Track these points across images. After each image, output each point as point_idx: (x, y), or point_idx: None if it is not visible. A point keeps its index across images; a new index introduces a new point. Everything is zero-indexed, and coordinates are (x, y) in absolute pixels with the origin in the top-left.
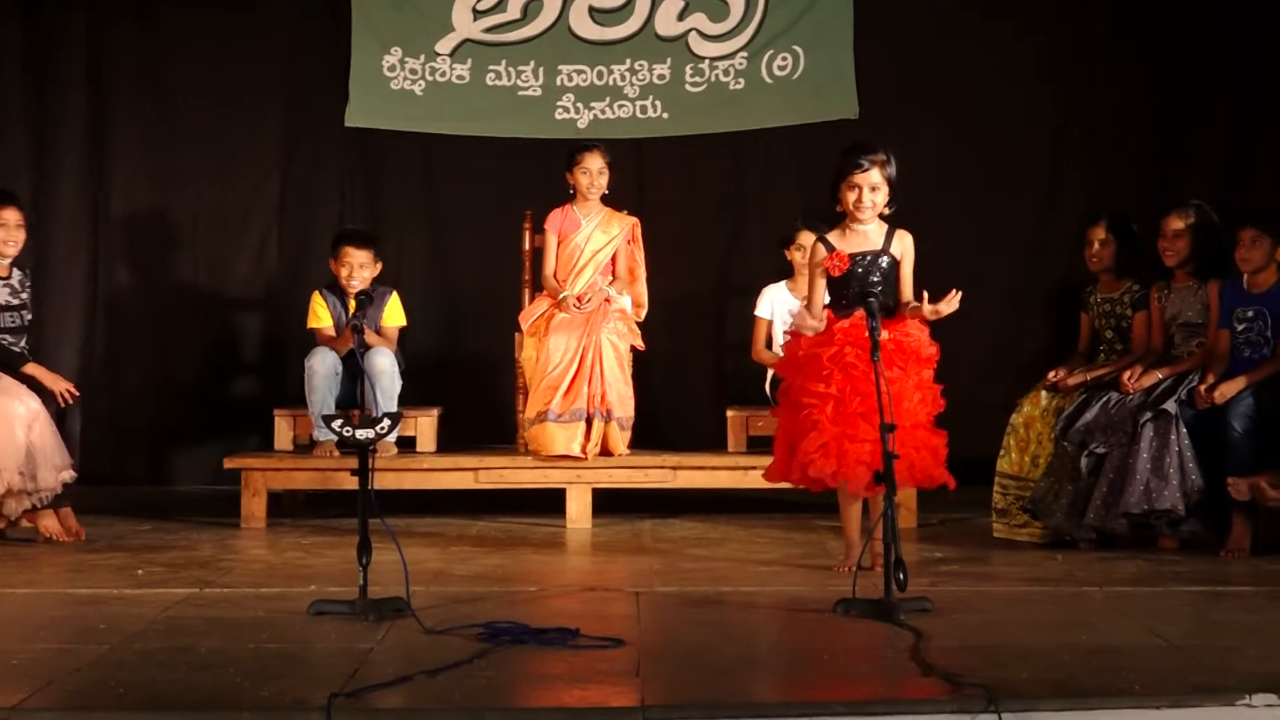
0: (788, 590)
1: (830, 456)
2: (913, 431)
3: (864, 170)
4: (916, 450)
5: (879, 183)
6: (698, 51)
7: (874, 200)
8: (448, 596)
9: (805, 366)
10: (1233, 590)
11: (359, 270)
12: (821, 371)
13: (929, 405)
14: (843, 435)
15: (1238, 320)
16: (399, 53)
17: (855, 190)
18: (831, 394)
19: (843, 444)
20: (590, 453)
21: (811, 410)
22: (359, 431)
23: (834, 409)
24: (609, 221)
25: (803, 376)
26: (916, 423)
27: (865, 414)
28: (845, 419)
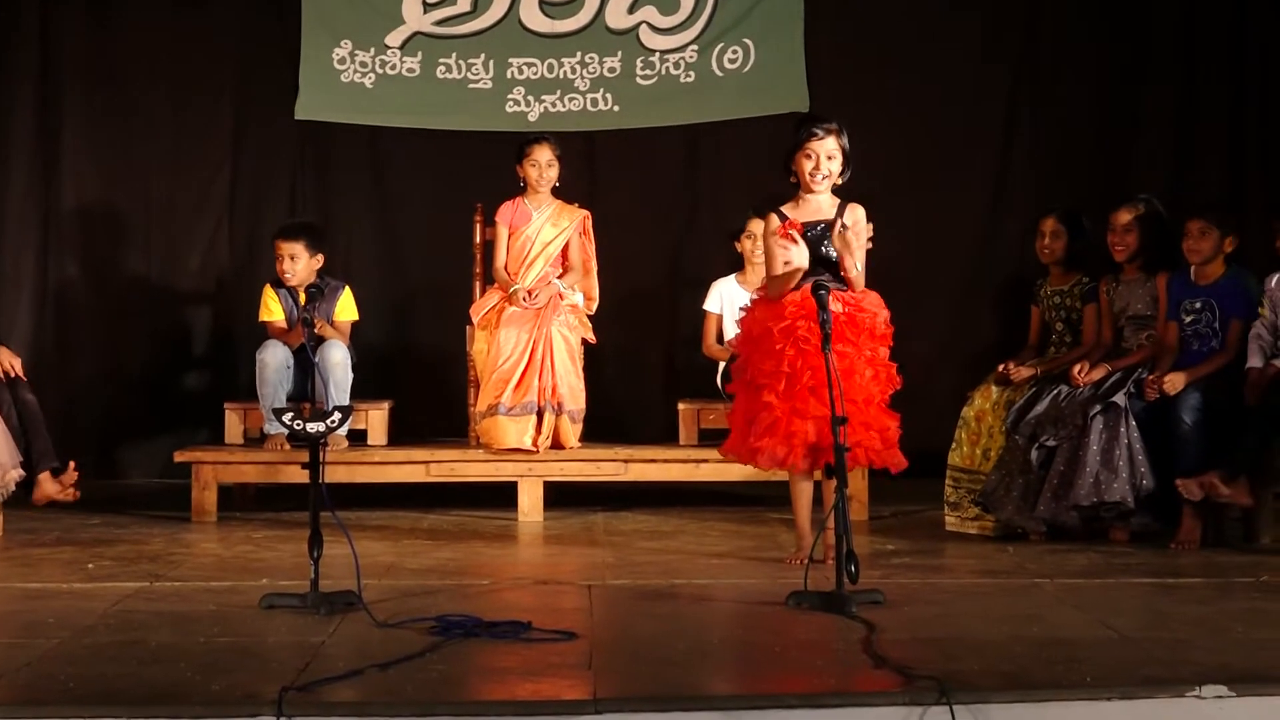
0: (740, 583)
1: (779, 438)
2: (864, 408)
3: (819, 138)
4: (865, 429)
5: (834, 151)
6: (648, 44)
7: (829, 169)
8: (399, 590)
9: (760, 342)
10: (1183, 582)
11: (290, 262)
12: (774, 346)
13: (882, 384)
14: (791, 412)
15: (1185, 312)
16: (349, 45)
17: (811, 158)
18: (783, 370)
19: (791, 422)
20: (541, 446)
21: (762, 390)
22: (310, 425)
23: (785, 385)
24: (559, 214)
25: (758, 354)
26: (869, 398)
27: (815, 388)
28: (796, 394)
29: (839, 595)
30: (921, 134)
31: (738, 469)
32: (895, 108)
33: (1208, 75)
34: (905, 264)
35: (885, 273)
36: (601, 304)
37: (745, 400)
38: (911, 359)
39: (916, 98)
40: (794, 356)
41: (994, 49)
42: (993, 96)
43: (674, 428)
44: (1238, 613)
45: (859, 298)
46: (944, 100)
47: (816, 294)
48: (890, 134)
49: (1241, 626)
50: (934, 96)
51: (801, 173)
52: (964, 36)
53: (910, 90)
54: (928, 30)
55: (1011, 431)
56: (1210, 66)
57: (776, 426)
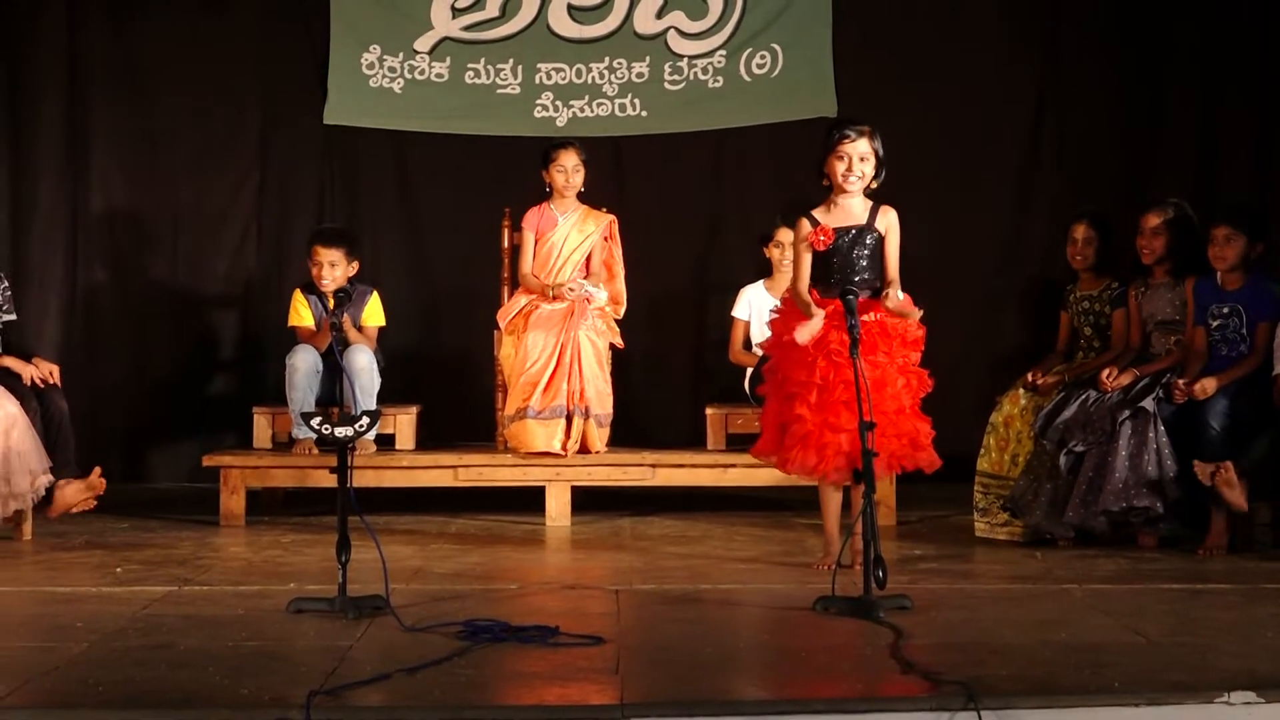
0: (767, 588)
1: (810, 449)
2: (895, 418)
3: (852, 140)
4: (897, 438)
5: (867, 153)
6: (676, 50)
7: (863, 171)
8: (427, 594)
9: (792, 350)
10: (1211, 588)
11: (330, 269)
12: (806, 358)
13: (914, 389)
14: (824, 425)
15: (1212, 317)
16: (377, 51)
17: (844, 160)
18: (815, 382)
19: (824, 435)
20: (570, 449)
21: (794, 401)
22: (338, 429)
23: (818, 397)
24: (585, 219)
25: (789, 362)
26: (900, 408)
27: (848, 401)
28: (828, 406)
29: (866, 600)
30: (947, 137)
31: (765, 474)
32: (922, 111)
33: (1234, 76)
34: (931, 267)
35: (910, 275)
36: (629, 309)
37: (777, 403)
38: (937, 363)
39: (942, 101)
40: (826, 368)
41: (1019, 51)
42: (1018, 99)
43: (701, 432)
44: (1266, 618)
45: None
46: (970, 103)
47: (844, 299)
48: (916, 137)
49: (1270, 632)
50: (960, 99)
51: (834, 175)
52: (989, 39)
53: (936, 93)
54: (953, 33)
55: (1040, 437)
56: (1236, 67)
57: (809, 439)
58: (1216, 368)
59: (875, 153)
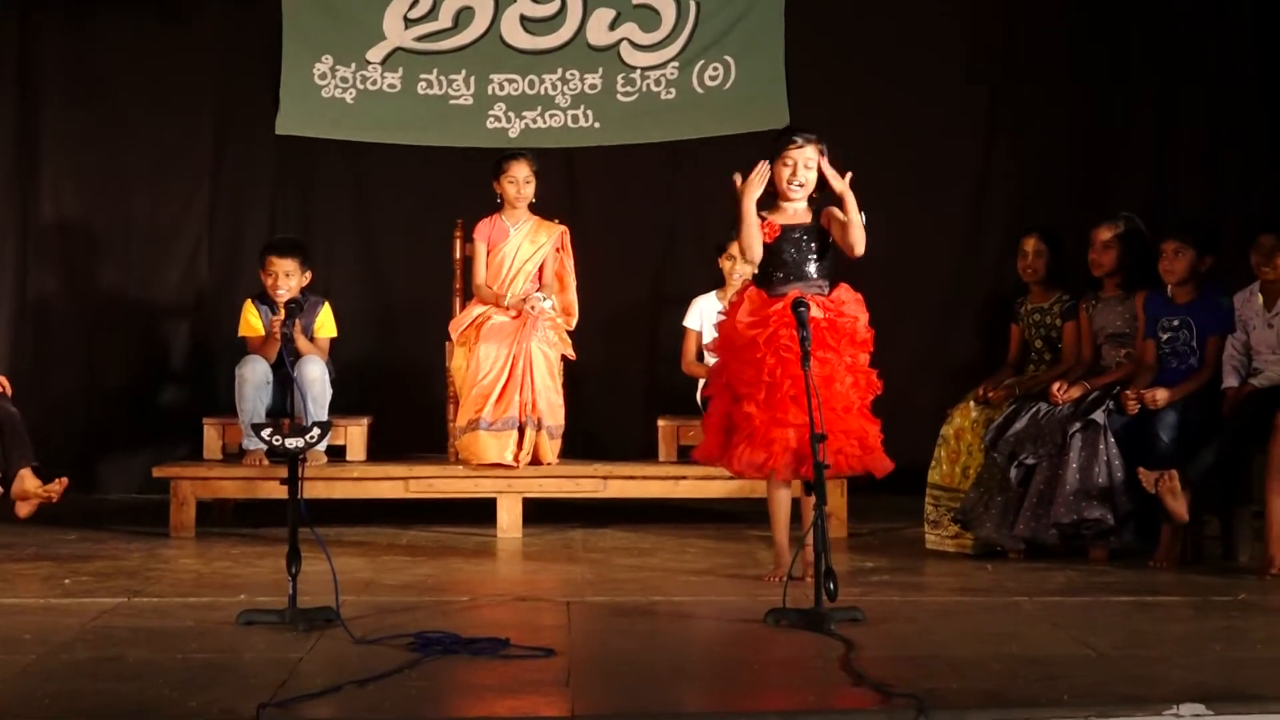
0: (718, 600)
1: (758, 446)
2: (843, 415)
3: (798, 146)
4: (845, 436)
5: (811, 160)
6: (629, 61)
7: (806, 178)
8: (378, 606)
9: (741, 351)
10: (1161, 600)
11: (284, 279)
12: (755, 355)
13: (862, 390)
14: (771, 420)
15: (1162, 330)
16: (330, 61)
17: (789, 166)
18: (764, 380)
19: (770, 430)
20: (522, 461)
21: (743, 401)
22: (288, 440)
23: (766, 394)
24: (537, 230)
25: (737, 362)
26: (848, 405)
27: (796, 396)
28: (776, 404)
29: (818, 613)
30: (900, 150)
31: (717, 486)
32: (874, 124)
33: (1187, 91)
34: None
35: (863, 288)
36: (581, 320)
37: (722, 406)
38: (890, 375)
39: (895, 115)
40: (774, 365)
41: (973, 68)
42: (972, 114)
43: (653, 445)
44: (1216, 631)
45: (839, 302)
46: (923, 117)
47: (796, 310)
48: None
49: (1219, 645)
50: (913, 114)
51: (779, 181)
52: (943, 54)
53: (889, 107)
54: (907, 48)
55: (990, 449)
56: (1189, 82)
57: (756, 435)
58: (1166, 380)
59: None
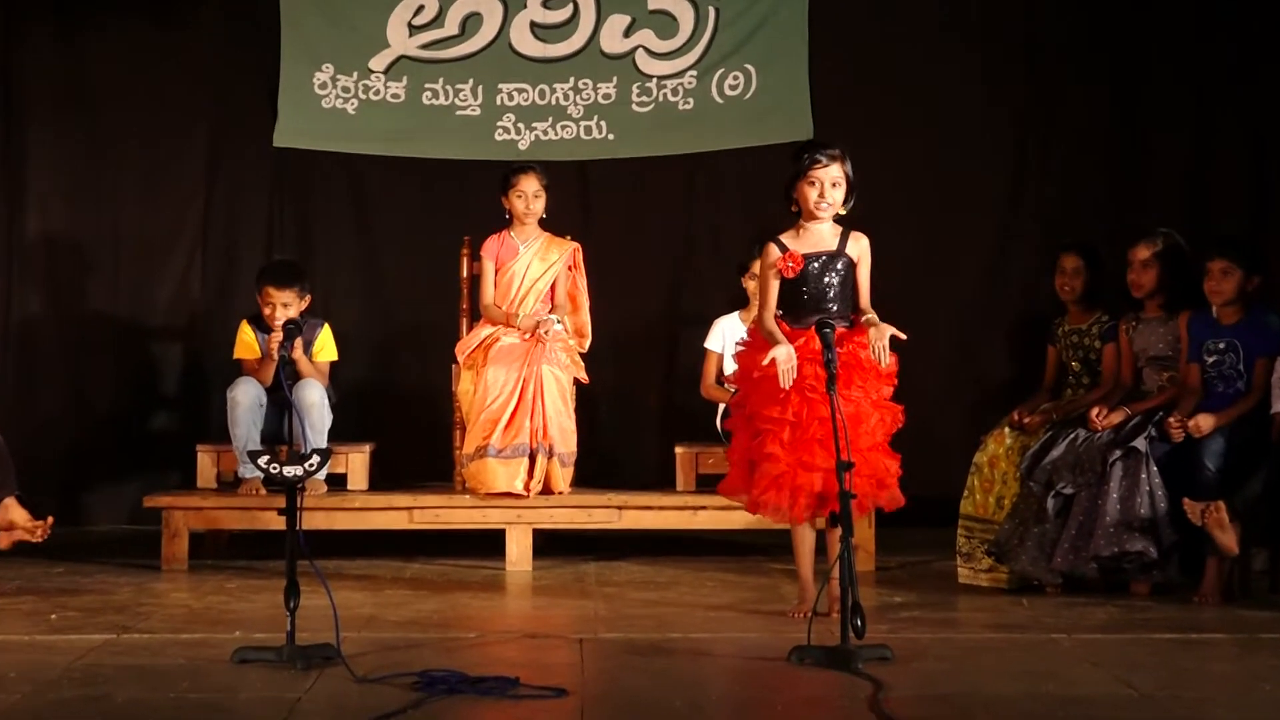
0: (739, 637)
1: (784, 491)
2: (868, 455)
3: (824, 165)
4: (869, 477)
5: (838, 178)
6: (645, 70)
7: (834, 198)
8: (380, 643)
9: (761, 385)
10: (1207, 638)
11: (282, 309)
12: (778, 393)
13: (886, 425)
14: (798, 464)
15: (1208, 353)
16: (330, 70)
17: (815, 186)
18: (788, 419)
19: (796, 475)
20: (532, 490)
21: (766, 437)
22: (286, 468)
23: (790, 434)
24: (548, 247)
25: (759, 395)
26: (874, 444)
27: (823, 439)
28: (802, 444)
29: (844, 650)
30: (928, 162)
31: (737, 516)
32: (900, 135)
33: (1224, 101)
34: (911, 298)
35: (889, 310)
36: (595, 342)
37: (745, 438)
38: (919, 400)
39: (923, 125)
40: (799, 404)
41: (1001, 72)
42: (1001, 122)
43: (670, 473)
44: (1263, 670)
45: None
46: (951, 127)
47: (821, 332)
48: (895, 163)
49: (1267, 684)
50: (942, 123)
51: (805, 201)
52: (970, 61)
53: (916, 117)
54: (934, 54)
55: (1026, 478)
56: (1226, 93)
57: (782, 480)
58: (1212, 405)
59: (846, 177)
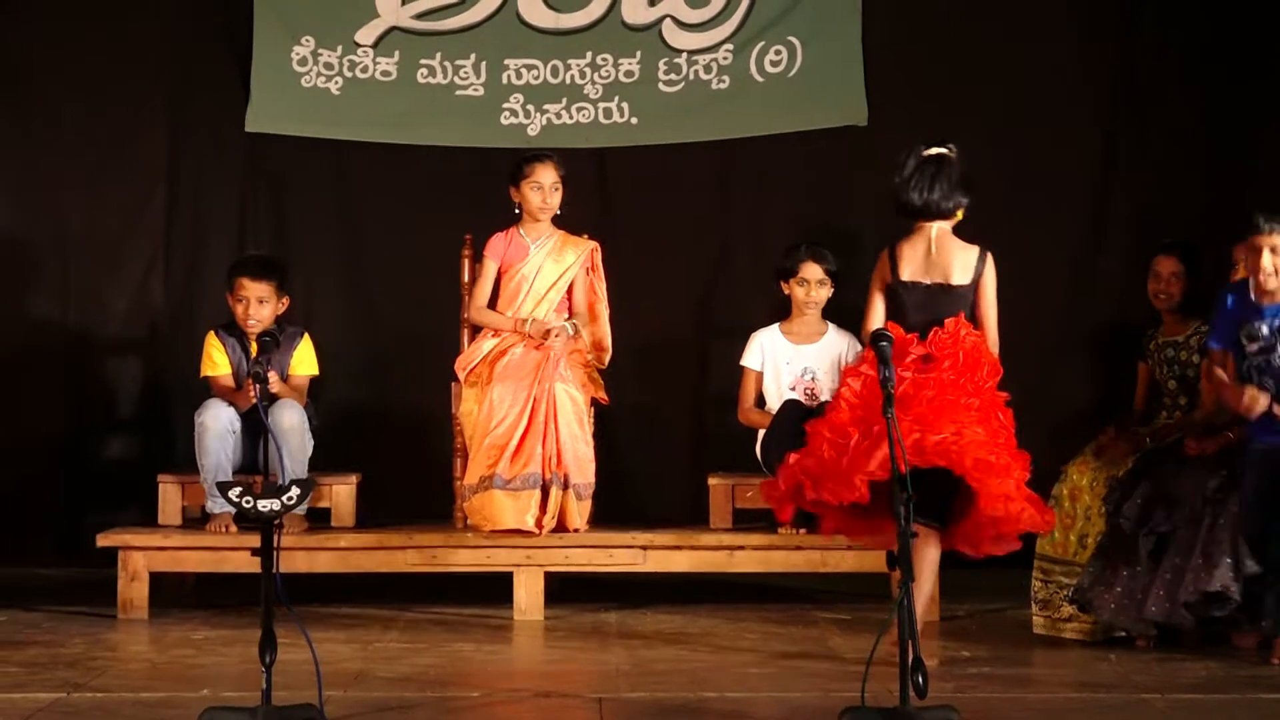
0: (782, 696)
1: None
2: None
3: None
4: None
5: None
6: (673, 44)
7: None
8: (370, 704)
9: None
10: None
11: (257, 306)
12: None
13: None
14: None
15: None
16: (311, 43)
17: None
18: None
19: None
20: (545, 527)
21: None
22: (261, 502)
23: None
24: (563, 248)
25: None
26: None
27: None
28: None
29: (904, 712)
30: (1001, 155)
31: (780, 558)
32: (969, 123)
33: None
34: None
35: None
36: (615, 357)
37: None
38: None
39: (996, 112)
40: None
41: (1089, 52)
42: (1088, 110)
43: (703, 507)
44: None
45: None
46: (1029, 115)
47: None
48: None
49: None
50: (1017, 111)
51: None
52: (1054, 38)
53: (988, 103)
54: (1012, 30)
55: (1114, 514)
56: None
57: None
58: None
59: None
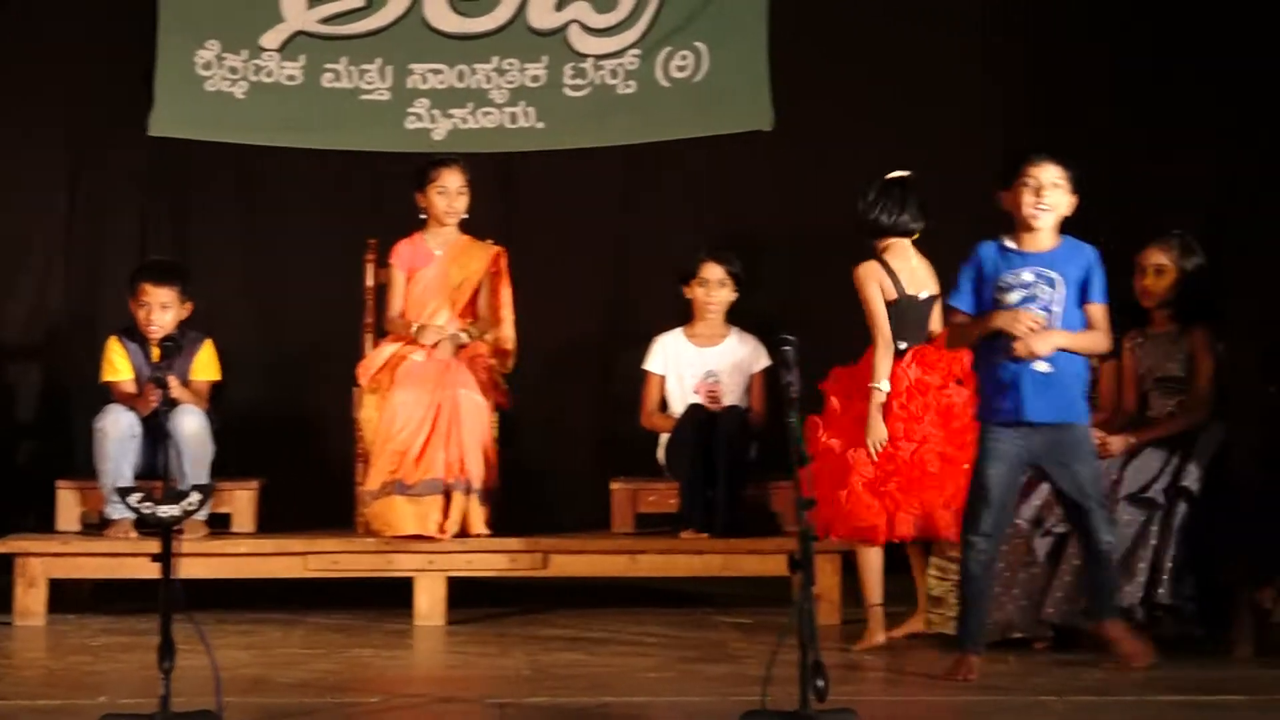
0: (683, 700)
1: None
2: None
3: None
4: None
5: None
6: (580, 48)
7: None
8: (269, 710)
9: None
10: (1218, 700)
11: (160, 311)
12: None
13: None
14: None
15: None
16: (216, 47)
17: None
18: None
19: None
20: (447, 532)
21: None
22: (161, 508)
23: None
24: (468, 252)
25: None
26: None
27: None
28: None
29: (804, 715)
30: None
31: (683, 562)
32: (879, 127)
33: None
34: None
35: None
36: (520, 361)
37: None
38: None
39: (901, 117)
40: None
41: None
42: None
43: (606, 512)
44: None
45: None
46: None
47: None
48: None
49: None
50: (923, 116)
51: None
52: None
53: (894, 108)
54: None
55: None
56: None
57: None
58: None
59: None
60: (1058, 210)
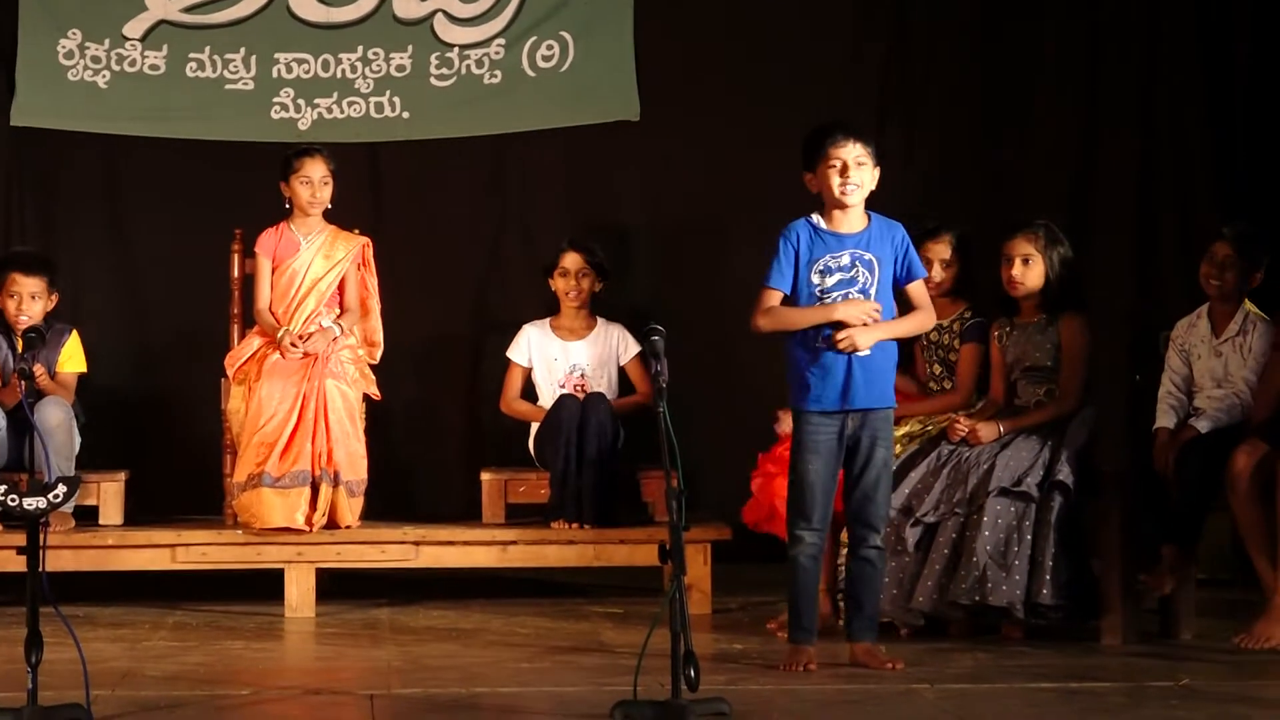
0: (555, 690)
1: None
2: None
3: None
4: None
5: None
6: (445, 38)
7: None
8: (139, 702)
9: None
10: (1087, 687)
11: (29, 302)
12: None
13: None
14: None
15: None
16: (78, 36)
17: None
18: None
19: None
20: (316, 524)
21: None
22: (27, 500)
23: None
24: (334, 242)
25: None
26: None
27: None
28: None
29: (675, 706)
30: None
31: (554, 553)
32: (743, 118)
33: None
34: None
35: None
36: (387, 352)
37: None
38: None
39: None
40: None
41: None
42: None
43: (476, 503)
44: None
45: None
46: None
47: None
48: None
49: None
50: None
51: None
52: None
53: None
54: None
55: None
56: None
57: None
58: None
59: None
60: (866, 187)
